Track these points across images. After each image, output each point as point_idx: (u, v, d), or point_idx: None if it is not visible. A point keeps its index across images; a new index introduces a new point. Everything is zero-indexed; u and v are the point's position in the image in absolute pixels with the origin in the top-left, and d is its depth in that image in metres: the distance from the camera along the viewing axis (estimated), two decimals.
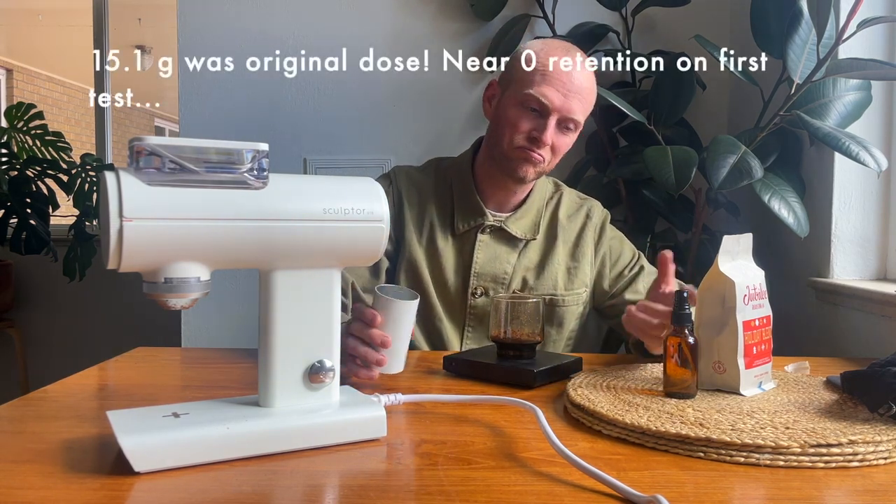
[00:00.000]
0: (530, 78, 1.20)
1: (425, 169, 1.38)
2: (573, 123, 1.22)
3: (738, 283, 0.87)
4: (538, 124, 1.20)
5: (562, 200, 1.36)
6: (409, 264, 1.28)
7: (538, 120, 1.20)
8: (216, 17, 2.19)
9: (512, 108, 1.22)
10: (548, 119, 1.19)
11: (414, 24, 2.18)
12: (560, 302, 1.30)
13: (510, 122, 1.22)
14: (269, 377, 0.72)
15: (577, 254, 1.32)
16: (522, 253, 1.30)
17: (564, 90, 1.19)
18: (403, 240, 1.29)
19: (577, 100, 1.20)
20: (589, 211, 1.37)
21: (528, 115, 1.21)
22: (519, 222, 1.30)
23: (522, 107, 1.21)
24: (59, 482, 0.61)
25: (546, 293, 1.29)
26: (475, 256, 1.27)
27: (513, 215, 1.30)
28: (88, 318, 3.12)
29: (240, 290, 2.16)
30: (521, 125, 1.21)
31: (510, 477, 0.64)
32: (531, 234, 1.31)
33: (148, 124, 9.44)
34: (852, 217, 1.59)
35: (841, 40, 1.49)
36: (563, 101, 1.19)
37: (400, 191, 1.32)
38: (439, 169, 1.37)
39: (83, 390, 0.93)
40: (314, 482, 0.63)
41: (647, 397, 0.84)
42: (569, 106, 1.19)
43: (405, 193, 1.32)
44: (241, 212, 0.66)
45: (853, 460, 0.67)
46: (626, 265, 1.35)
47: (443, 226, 1.30)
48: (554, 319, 1.31)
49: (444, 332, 1.28)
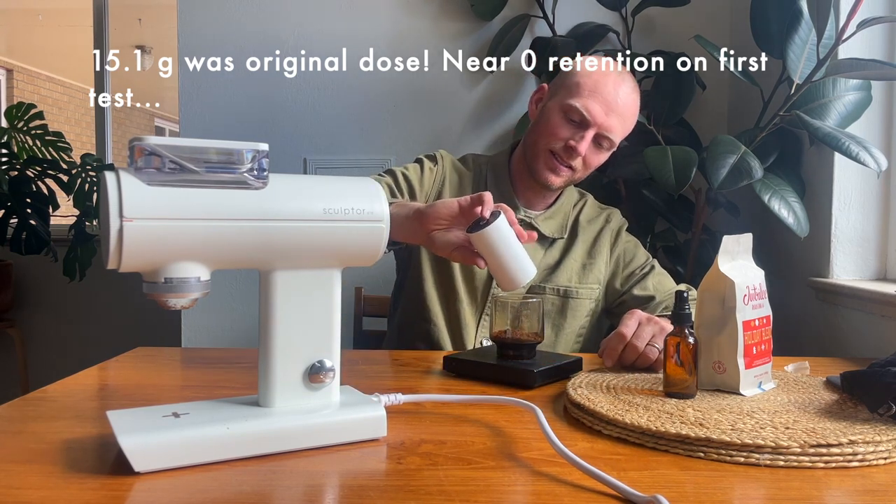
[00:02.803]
0: (578, 90, 1.24)
1: (465, 160, 1.43)
2: (608, 142, 1.27)
3: (738, 283, 0.87)
4: (576, 135, 1.24)
5: (585, 207, 1.42)
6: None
7: (577, 131, 1.25)
8: (216, 17, 2.19)
9: (555, 114, 1.26)
10: (586, 131, 1.24)
11: (414, 24, 2.18)
12: (573, 294, 1.35)
13: (550, 127, 1.26)
14: (269, 377, 0.72)
15: (593, 251, 1.38)
16: (548, 251, 1.36)
17: (608, 108, 1.23)
18: None
19: (619, 120, 1.25)
20: (608, 216, 1.43)
21: (569, 124, 1.25)
22: (548, 222, 1.36)
23: (565, 115, 1.25)
24: (59, 482, 0.61)
25: (560, 285, 1.34)
26: None
27: (543, 214, 1.37)
28: (88, 318, 3.12)
29: (240, 290, 2.16)
30: (559, 132, 1.25)
31: (510, 477, 0.64)
32: (559, 234, 1.36)
33: (148, 124, 9.44)
34: (852, 217, 1.59)
35: (841, 40, 1.49)
36: (605, 118, 1.23)
37: (445, 171, 1.37)
38: (476, 163, 1.42)
39: (83, 390, 0.93)
40: (314, 482, 0.63)
41: (647, 397, 0.84)
42: (609, 124, 1.24)
43: (448, 175, 1.37)
44: (241, 212, 0.66)
45: (853, 460, 0.67)
46: (639, 266, 1.39)
47: None
48: (567, 311, 1.35)
49: (462, 314, 1.32)
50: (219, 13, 2.19)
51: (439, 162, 1.38)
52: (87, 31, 3.40)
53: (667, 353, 0.85)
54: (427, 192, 1.35)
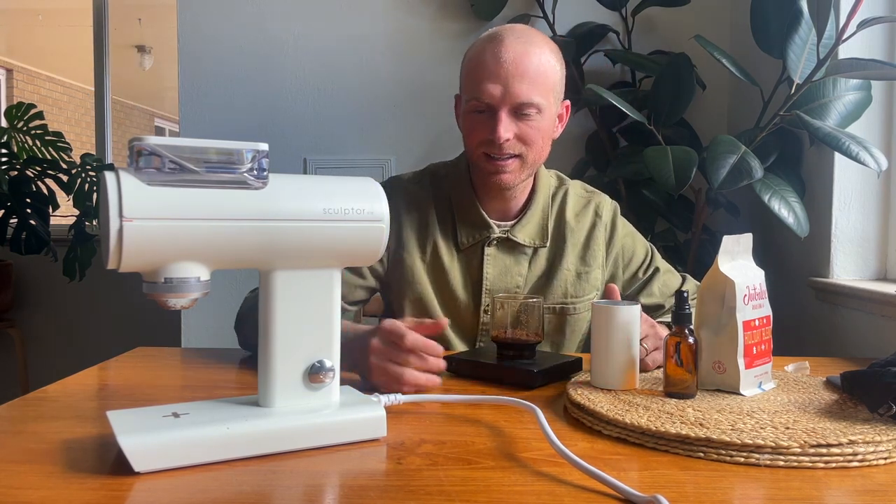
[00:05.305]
0: (469, 82, 1.14)
1: (421, 180, 1.28)
2: (532, 108, 1.11)
3: (738, 283, 0.87)
4: (490, 125, 1.11)
5: (568, 196, 1.27)
6: (413, 287, 1.21)
7: (489, 120, 1.12)
8: (216, 17, 2.19)
9: (467, 118, 1.16)
10: (498, 114, 1.10)
11: (414, 24, 2.18)
12: (571, 310, 1.24)
13: (468, 132, 1.16)
14: (269, 377, 0.72)
15: (587, 257, 1.25)
16: (532, 262, 1.24)
17: (500, 79, 1.09)
18: (402, 265, 1.22)
19: (522, 82, 1.09)
20: (597, 207, 1.28)
21: (479, 119, 1.13)
22: (525, 229, 1.22)
23: (472, 113, 1.14)
24: (59, 482, 0.61)
25: (556, 302, 1.23)
26: (485, 272, 1.21)
27: (518, 223, 1.22)
28: (88, 318, 3.12)
29: (240, 290, 2.16)
30: (477, 132, 1.14)
31: (510, 477, 0.64)
32: (540, 241, 1.23)
33: (148, 124, 9.44)
34: (852, 217, 1.60)
35: (841, 40, 1.49)
36: (504, 89, 1.09)
37: (401, 215, 1.23)
38: (435, 178, 1.28)
39: (83, 390, 0.93)
40: (314, 482, 0.63)
41: (647, 397, 0.84)
42: (513, 91, 1.09)
43: (404, 212, 1.23)
44: (241, 212, 0.66)
45: (853, 460, 0.67)
46: (640, 266, 1.30)
47: (446, 241, 1.22)
48: (566, 328, 1.24)
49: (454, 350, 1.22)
50: (219, 13, 2.19)
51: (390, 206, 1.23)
52: (87, 31, 3.41)
53: (667, 353, 0.85)
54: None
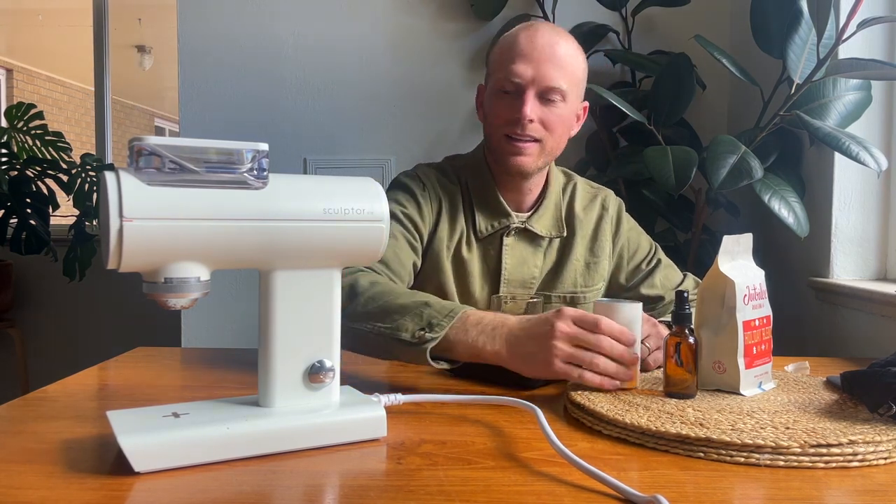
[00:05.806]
0: (499, 64, 1.16)
1: (445, 171, 1.29)
2: (558, 94, 1.13)
3: (738, 283, 0.87)
4: (516, 105, 1.13)
5: (576, 191, 1.31)
6: (436, 274, 1.22)
7: (516, 100, 1.14)
8: (216, 16, 2.19)
9: (492, 99, 1.17)
10: (525, 94, 1.13)
11: (414, 24, 2.18)
12: (581, 298, 1.27)
13: (493, 112, 1.18)
14: (269, 377, 0.72)
15: (595, 248, 1.29)
16: (547, 254, 1.26)
17: (534, 61, 1.12)
18: (431, 251, 1.22)
19: (553, 67, 1.12)
20: (604, 201, 1.32)
21: (505, 99, 1.15)
22: (542, 220, 1.25)
23: (499, 94, 1.16)
24: (59, 482, 0.61)
25: (566, 292, 1.26)
26: (504, 262, 1.23)
27: (534, 213, 1.25)
28: (88, 318, 3.12)
29: (240, 290, 2.16)
30: (502, 112, 1.15)
31: (510, 477, 0.64)
32: (556, 232, 1.26)
33: (148, 124, 9.45)
34: (852, 217, 1.60)
35: (841, 40, 1.49)
36: (535, 71, 1.12)
37: (440, 198, 1.24)
38: (455, 169, 1.30)
39: (83, 390, 0.93)
40: (314, 482, 0.63)
41: (647, 397, 0.84)
42: (543, 74, 1.12)
43: (444, 204, 1.24)
44: (241, 212, 0.66)
45: (853, 460, 0.67)
46: (644, 258, 1.32)
47: (466, 232, 1.24)
48: None
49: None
50: (219, 13, 2.19)
51: (428, 187, 1.24)
52: (87, 31, 3.41)
53: (667, 353, 0.85)
54: (428, 225, 1.23)
